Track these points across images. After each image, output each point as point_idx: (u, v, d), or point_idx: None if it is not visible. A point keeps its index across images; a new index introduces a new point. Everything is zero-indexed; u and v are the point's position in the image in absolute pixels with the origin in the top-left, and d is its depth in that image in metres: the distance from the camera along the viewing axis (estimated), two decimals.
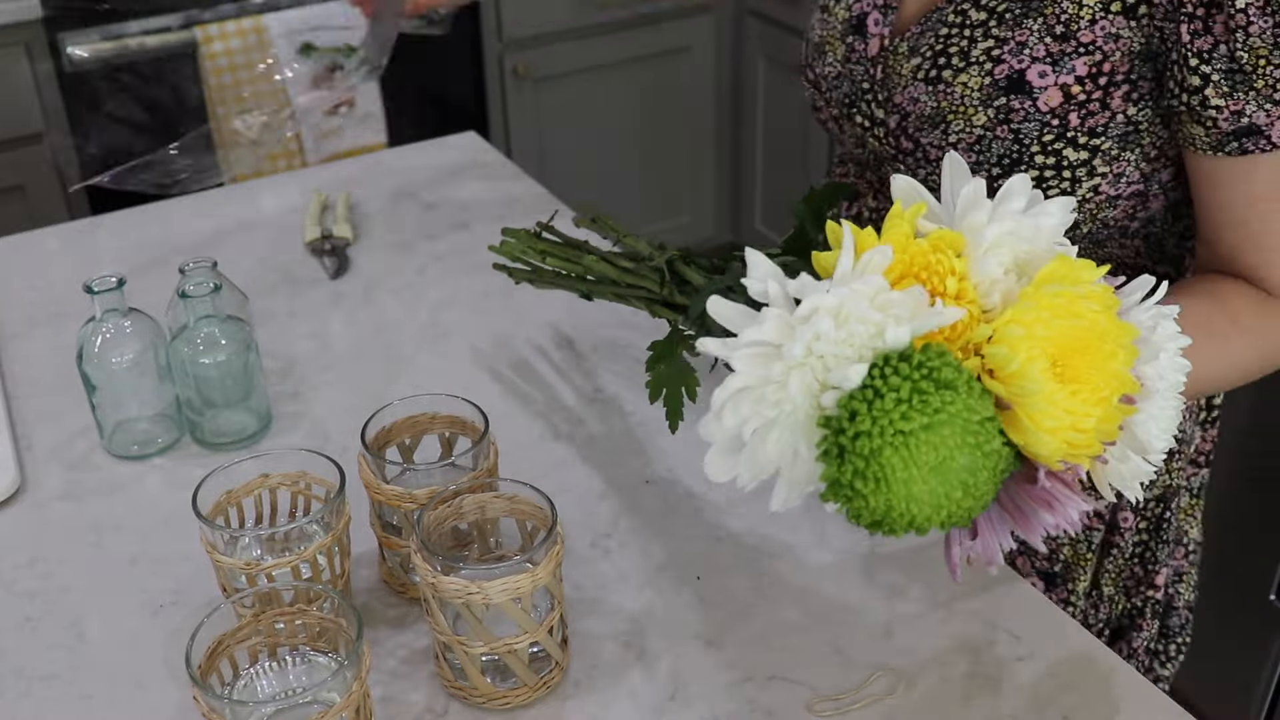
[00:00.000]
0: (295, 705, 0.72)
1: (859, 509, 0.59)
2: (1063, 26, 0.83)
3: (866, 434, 0.57)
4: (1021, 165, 0.86)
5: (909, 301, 0.60)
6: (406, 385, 1.09)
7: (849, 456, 0.58)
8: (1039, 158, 0.86)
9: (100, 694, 0.80)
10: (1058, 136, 0.85)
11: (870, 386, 0.58)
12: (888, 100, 0.93)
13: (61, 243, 1.39)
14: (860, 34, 0.96)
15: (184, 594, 0.87)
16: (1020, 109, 0.85)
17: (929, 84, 0.89)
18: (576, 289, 0.96)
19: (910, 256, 0.62)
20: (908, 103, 0.90)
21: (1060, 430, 0.61)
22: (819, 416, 0.60)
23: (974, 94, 0.86)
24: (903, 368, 0.58)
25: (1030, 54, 0.84)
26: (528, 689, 0.77)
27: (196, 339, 0.98)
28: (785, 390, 0.60)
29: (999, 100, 0.85)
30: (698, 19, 2.77)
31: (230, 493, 0.82)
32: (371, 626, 0.84)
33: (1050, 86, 0.84)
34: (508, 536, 0.84)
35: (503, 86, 2.60)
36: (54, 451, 1.03)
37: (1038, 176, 0.86)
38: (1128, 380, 0.63)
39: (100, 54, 2.11)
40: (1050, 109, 0.84)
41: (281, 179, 1.58)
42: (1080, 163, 0.85)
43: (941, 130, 0.88)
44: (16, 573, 0.90)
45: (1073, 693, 0.78)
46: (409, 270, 1.29)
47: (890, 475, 0.58)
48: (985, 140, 0.86)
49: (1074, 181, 0.86)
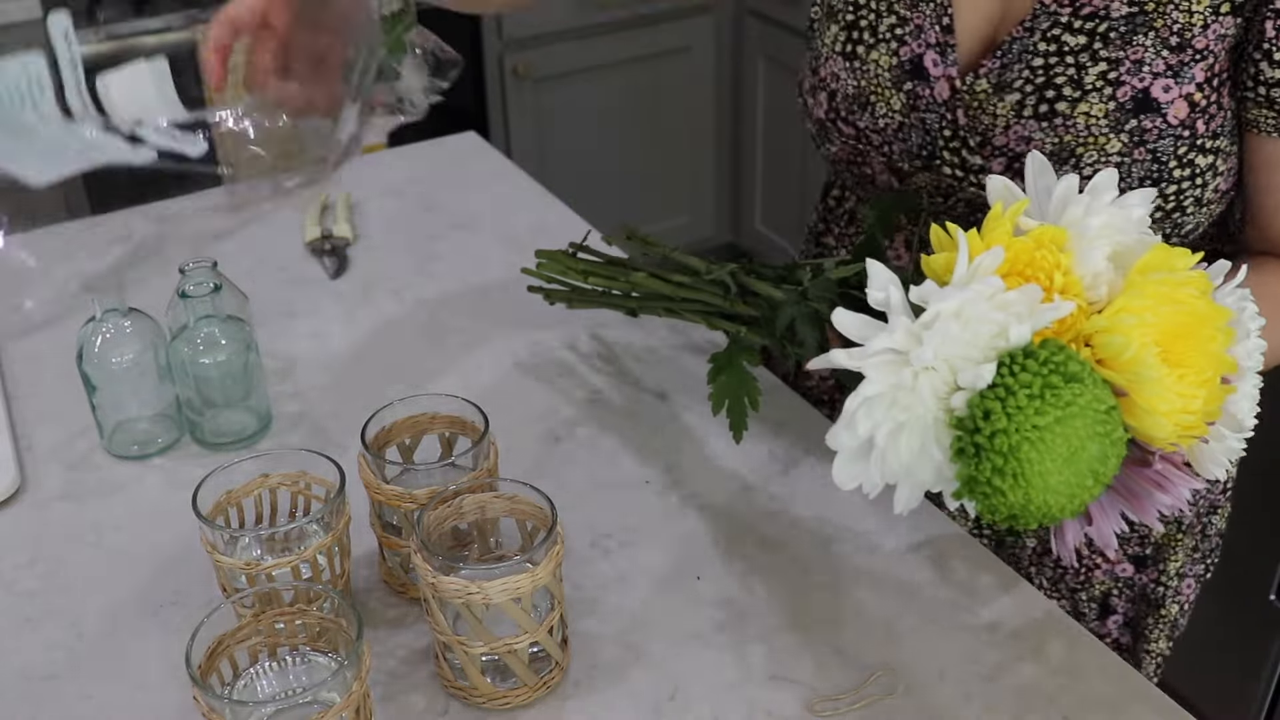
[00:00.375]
0: (295, 705, 0.72)
1: (996, 505, 0.61)
2: (1177, 37, 0.82)
3: (1003, 431, 0.59)
4: (1161, 182, 0.84)
5: (1026, 299, 0.62)
6: (406, 385, 1.09)
7: (986, 454, 0.60)
8: (1176, 171, 0.84)
9: (100, 694, 0.80)
10: (1190, 147, 0.84)
11: (1001, 384, 0.60)
12: (984, 144, 0.88)
13: (61, 243, 1.39)
14: (921, 79, 0.90)
15: (184, 594, 0.87)
16: (1153, 128, 0.83)
17: (1041, 119, 0.85)
18: (621, 307, 0.96)
19: (1014, 254, 0.63)
20: (1016, 143, 0.86)
21: (1173, 413, 0.63)
22: (949, 417, 0.62)
23: (1100, 122, 0.83)
24: (1030, 364, 0.60)
25: (1150, 70, 0.82)
26: (528, 689, 0.77)
27: (196, 339, 0.98)
28: (915, 394, 0.61)
29: (1130, 123, 0.83)
30: (698, 19, 2.77)
31: (230, 493, 0.82)
32: (371, 626, 0.84)
33: (1176, 99, 0.82)
34: (508, 536, 0.84)
35: (503, 86, 2.60)
36: (54, 451, 1.03)
37: (1176, 190, 0.85)
38: (1227, 361, 0.66)
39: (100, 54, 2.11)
40: (1179, 121, 0.83)
41: None
42: (1208, 167, 0.85)
43: (1072, 165, 0.85)
44: (16, 573, 0.90)
45: (1073, 693, 0.78)
46: (409, 270, 1.29)
47: (1028, 469, 0.60)
48: (1124, 166, 0.84)
49: (1204, 186, 0.85)
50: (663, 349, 1.13)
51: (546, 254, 1.01)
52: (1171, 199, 0.85)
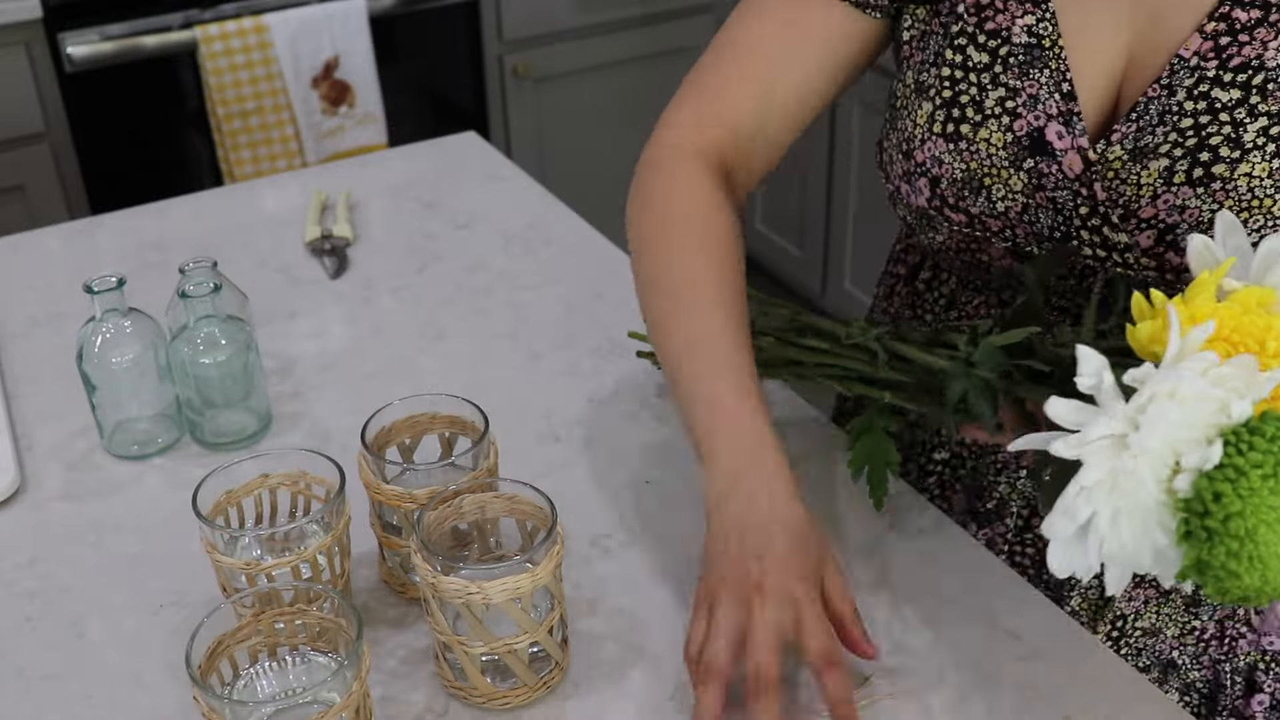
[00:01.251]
0: (295, 705, 0.72)
1: (1229, 587, 0.59)
2: None
3: (1238, 514, 0.57)
4: None
5: (1243, 372, 0.60)
6: (406, 385, 1.09)
7: (1220, 539, 0.58)
8: None
9: (100, 694, 0.80)
10: None
11: (1230, 465, 0.58)
12: (1128, 218, 0.80)
13: (61, 243, 1.39)
14: (1045, 154, 0.81)
15: (184, 594, 0.87)
16: None
17: (1196, 185, 0.77)
18: None
19: (1220, 320, 0.62)
20: (1167, 213, 0.78)
21: None
22: (1173, 500, 0.60)
23: (1264, 182, 0.75)
24: (1259, 442, 0.58)
25: None
26: (528, 689, 0.77)
27: (196, 339, 0.98)
28: (1136, 478, 0.60)
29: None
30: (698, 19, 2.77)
31: (230, 493, 0.82)
32: (371, 626, 0.84)
33: None
34: (508, 536, 0.84)
35: (503, 86, 2.60)
36: (54, 451, 1.03)
37: None
38: None
39: (100, 54, 2.11)
40: None
41: (281, 179, 1.58)
42: None
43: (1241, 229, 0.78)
44: (16, 573, 0.90)
45: (1073, 693, 0.78)
46: (409, 270, 1.29)
47: (1265, 551, 0.58)
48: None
49: None
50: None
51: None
52: None
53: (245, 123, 2.24)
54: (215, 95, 2.19)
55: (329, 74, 2.29)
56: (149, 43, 2.15)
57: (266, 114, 2.25)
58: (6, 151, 2.11)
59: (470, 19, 2.48)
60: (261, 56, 2.20)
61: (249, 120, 2.24)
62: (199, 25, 2.15)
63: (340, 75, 2.30)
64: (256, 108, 2.24)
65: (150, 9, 2.14)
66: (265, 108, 2.24)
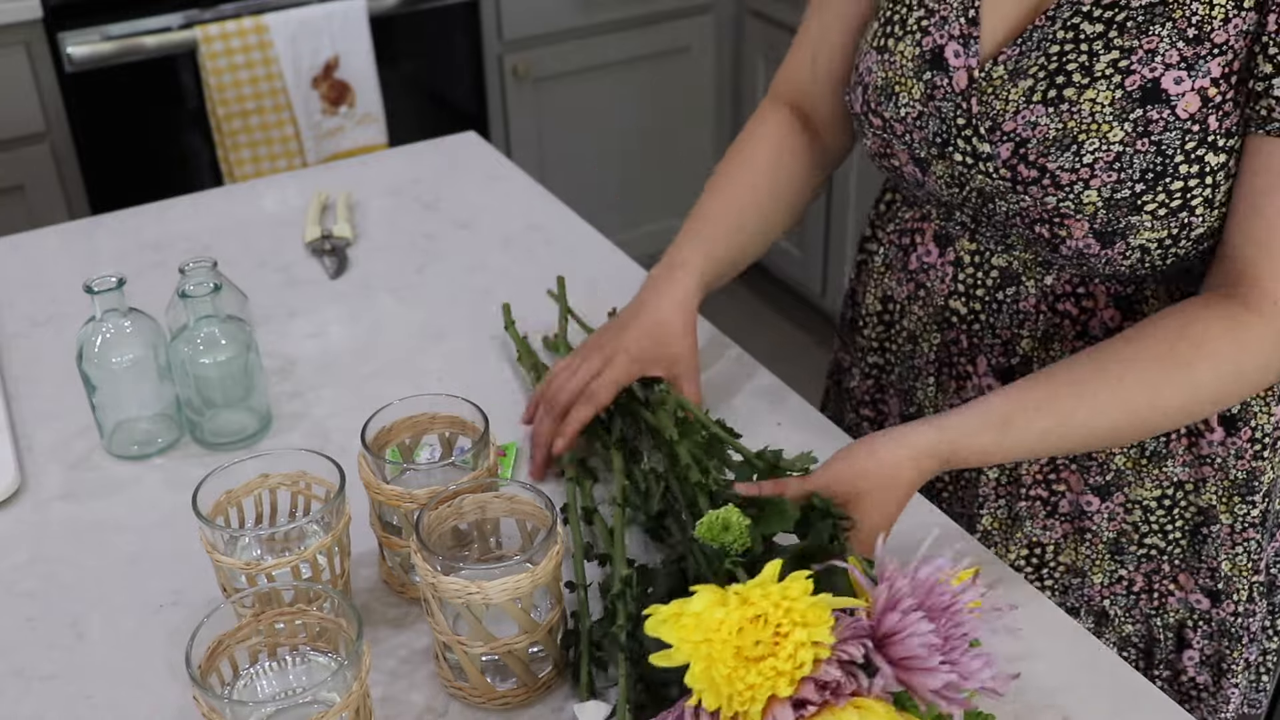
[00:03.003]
0: (295, 705, 0.72)
1: None
2: (1194, 29, 0.80)
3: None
4: (1166, 178, 0.82)
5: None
6: (406, 385, 1.09)
7: None
8: (1183, 167, 0.82)
9: (100, 694, 0.80)
10: (1200, 143, 0.81)
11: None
12: (993, 130, 0.88)
13: (61, 243, 1.39)
14: (940, 68, 0.90)
15: (184, 594, 0.87)
16: (1160, 119, 0.81)
17: (1049, 105, 0.85)
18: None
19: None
20: (1023, 128, 0.86)
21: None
22: None
23: (1105, 109, 0.83)
24: None
25: (1163, 60, 0.81)
26: (527, 689, 0.77)
27: (196, 339, 0.98)
28: None
29: (1135, 112, 0.82)
30: (698, 19, 2.77)
31: (230, 493, 0.82)
32: (371, 626, 0.84)
33: (1188, 92, 0.81)
34: (508, 536, 0.84)
35: (503, 86, 2.60)
36: (54, 451, 1.03)
37: (1182, 187, 0.82)
38: None
39: (100, 54, 2.11)
40: (1190, 115, 0.81)
41: (281, 179, 1.58)
42: (1220, 166, 0.82)
43: (1073, 152, 0.84)
44: (16, 573, 0.90)
45: (1073, 693, 0.78)
46: (409, 270, 1.29)
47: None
48: (1126, 156, 0.82)
49: (1215, 187, 0.83)
50: None
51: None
52: (1177, 196, 0.83)
53: (245, 123, 2.24)
54: (215, 95, 2.19)
55: (329, 74, 2.29)
56: (149, 43, 2.15)
57: (266, 114, 2.25)
58: (6, 151, 2.11)
59: (470, 19, 2.48)
60: (261, 56, 2.20)
61: (249, 120, 2.24)
62: (199, 25, 2.15)
63: (340, 75, 2.30)
64: (256, 108, 2.24)
65: (150, 9, 2.14)
66: (265, 108, 2.24)
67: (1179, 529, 0.99)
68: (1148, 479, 0.97)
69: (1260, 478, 0.96)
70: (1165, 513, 0.98)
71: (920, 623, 0.64)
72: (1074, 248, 0.88)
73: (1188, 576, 1.01)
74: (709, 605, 0.64)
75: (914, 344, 1.05)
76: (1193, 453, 0.96)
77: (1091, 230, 0.86)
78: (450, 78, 2.55)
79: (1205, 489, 0.97)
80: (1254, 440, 0.95)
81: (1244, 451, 0.95)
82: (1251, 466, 0.96)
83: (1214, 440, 0.95)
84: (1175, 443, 0.96)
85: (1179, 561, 1.00)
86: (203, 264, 1.00)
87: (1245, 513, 0.97)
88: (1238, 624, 1.01)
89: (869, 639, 0.66)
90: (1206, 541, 0.99)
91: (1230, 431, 0.95)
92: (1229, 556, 0.99)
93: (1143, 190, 0.83)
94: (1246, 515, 0.97)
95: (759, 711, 0.62)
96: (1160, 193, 0.83)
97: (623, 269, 1.27)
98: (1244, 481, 0.96)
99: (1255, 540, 0.99)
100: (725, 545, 0.74)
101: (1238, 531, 0.98)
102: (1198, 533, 0.99)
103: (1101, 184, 0.84)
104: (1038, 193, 0.86)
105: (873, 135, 0.97)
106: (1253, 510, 0.97)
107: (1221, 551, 0.99)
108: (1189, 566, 1.00)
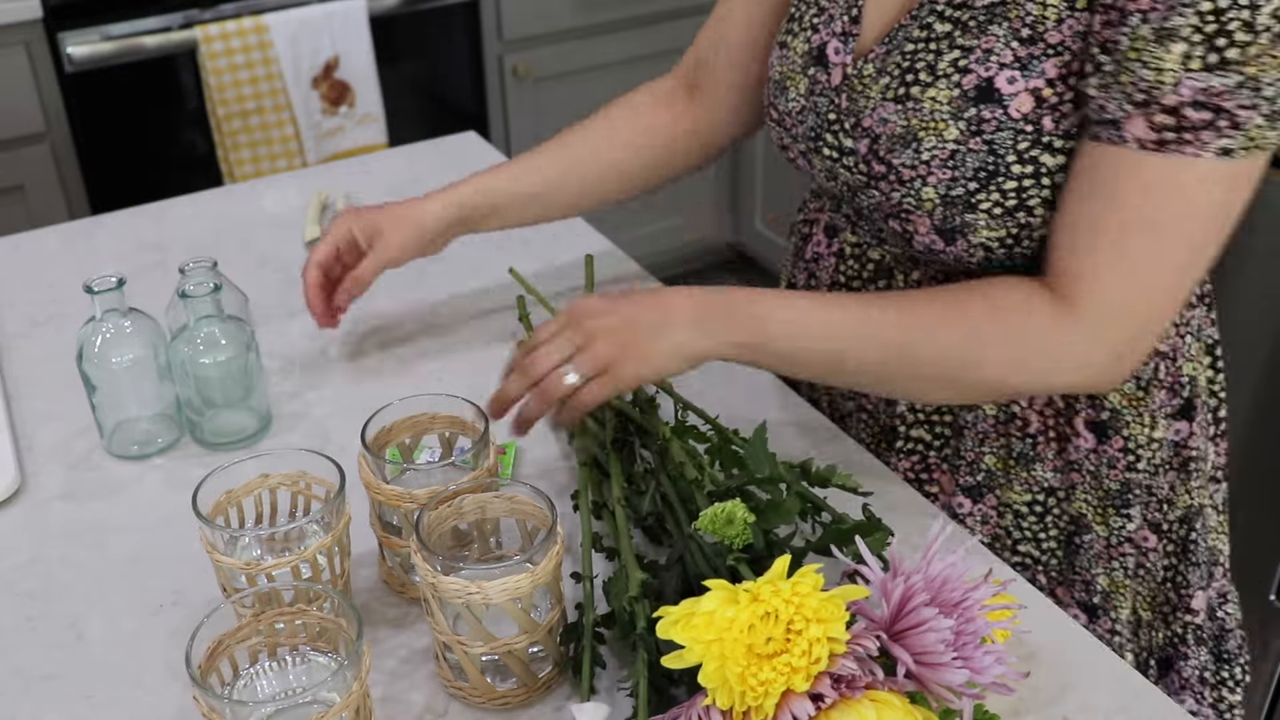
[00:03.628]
0: (295, 705, 0.72)
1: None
2: (1029, 29, 0.80)
3: None
4: (999, 177, 0.82)
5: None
6: (406, 385, 1.09)
7: None
8: (1015, 167, 0.81)
9: (100, 694, 0.80)
10: (1033, 143, 0.81)
11: None
12: (855, 126, 0.89)
13: (61, 243, 1.39)
14: (822, 65, 0.93)
15: (184, 594, 0.87)
16: (992, 118, 0.81)
17: (897, 102, 0.86)
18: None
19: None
20: (876, 125, 0.87)
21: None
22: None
23: (943, 108, 0.83)
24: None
25: (997, 60, 0.81)
26: (527, 689, 0.77)
27: (196, 339, 0.98)
28: None
29: (969, 111, 0.82)
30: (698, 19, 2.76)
31: (230, 493, 0.82)
32: (371, 626, 0.84)
33: (1021, 92, 0.80)
34: (508, 536, 0.84)
35: (503, 86, 2.60)
36: (54, 451, 1.03)
37: (1016, 187, 0.82)
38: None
39: (100, 54, 2.11)
40: (1023, 115, 0.81)
41: (281, 179, 1.58)
42: (1058, 168, 0.81)
43: (913, 149, 0.85)
44: (16, 573, 0.90)
45: (1073, 693, 0.78)
46: (409, 270, 1.29)
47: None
48: (959, 155, 0.83)
49: (1054, 189, 0.82)
50: None
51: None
52: (1012, 195, 0.82)
53: (245, 123, 2.24)
54: (215, 95, 2.19)
55: (329, 74, 2.29)
56: (149, 43, 2.15)
57: (266, 114, 2.25)
58: (6, 151, 2.11)
59: (470, 19, 2.48)
60: (261, 56, 2.20)
61: (249, 120, 2.24)
62: (199, 25, 2.15)
63: (340, 75, 2.30)
64: (256, 108, 2.24)
65: (150, 9, 2.14)
66: (265, 108, 2.24)
67: (1053, 538, 0.98)
68: (1017, 482, 0.96)
69: (1134, 490, 0.95)
70: (1037, 519, 0.97)
71: (937, 619, 0.64)
72: (922, 243, 0.88)
73: (1065, 590, 0.99)
74: (720, 604, 0.65)
75: None
76: (1062, 458, 0.95)
77: (933, 227, 0.86)
78: (450, 78, 2.55)
79: (1075, 496, 0.96)
80: (1126, 450, 0.94)
81: (1116, 461, 0.94)
82: (1125, 478, 0.95)
83: (1082, 446, 0.94)
84: (1044, 446, 0.95)
85: (1055, 574, 0.99)
86: (203, 264, 1.00)
87: (1120, 526, 0.96)
88: (1115, 643, 0.99)
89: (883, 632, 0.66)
90: (1079, 552, 0.98)
91: (1101, 439, 0.94)
92: (1105, 570, 0.98)
93: (976, 189, 0.83)
94: (1122, 529, 0.96)
95: (772, 706, 0.63)
96: (994, 191, 0.82)
97: (623, 269, 1.27)
98: (1117, 493, 0.95)
99: (1133, 557, 0.98)
100: (727, 539, 0.74)
101: (1114, 545, 0.97)
102: (1071, 543, 0.98)
103: (938, 181, 0.84)
104: (886, 188, 0.88)
105: (772, 127, 1.00)
106: (1128, 524, 0.96)
107: (1097, 564, 0.98)
108: (1065, 579, 0.99)
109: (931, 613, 0.65)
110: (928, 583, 0.67)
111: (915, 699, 0.66)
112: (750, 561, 0.75)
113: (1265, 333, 1.62)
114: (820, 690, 0.63)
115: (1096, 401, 0.93)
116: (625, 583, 0.78)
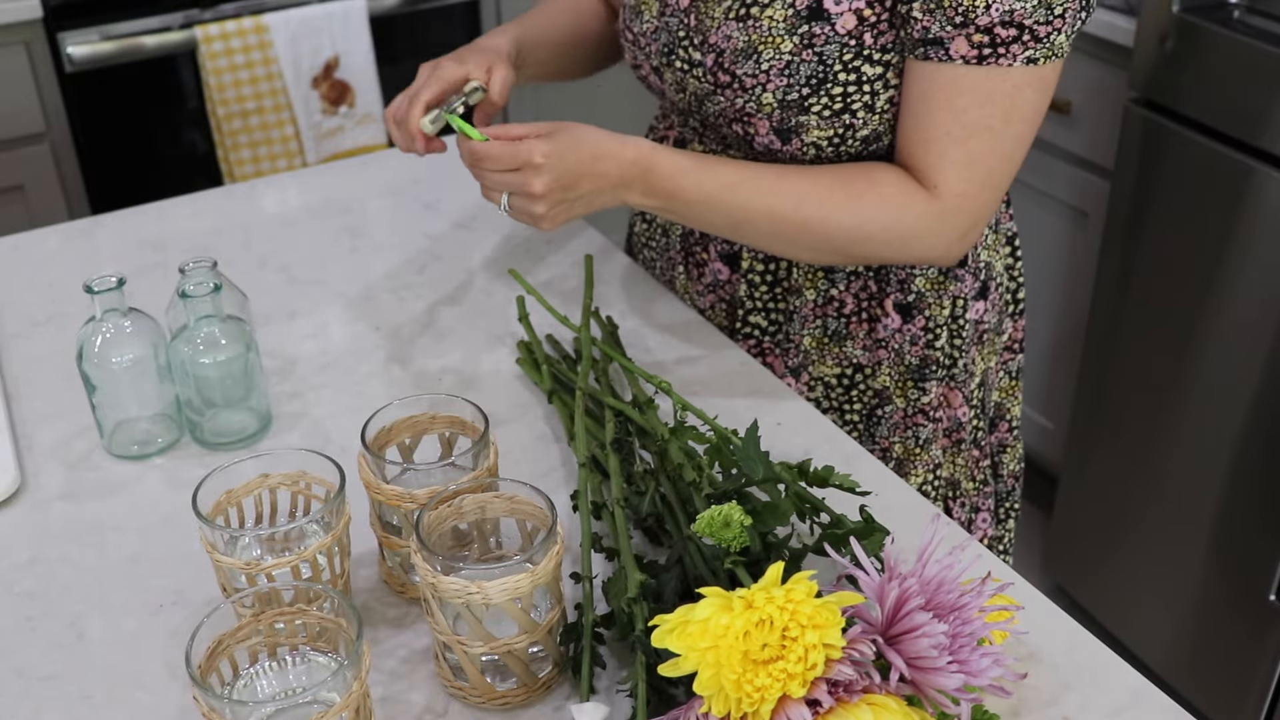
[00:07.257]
0: (295, 705, 0.72)
1: None
2: None
3: None
4: (827, 84, 0.97)
5: None
6: (406, 385, 1.09)
7: None
8: (841, 75, 0.97)
9: (100, 694, 0.80)
10: (856, 55, 0.96)
11: None
12: (703, 43, 1.02)
13: (61, 243, 1.39)
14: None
15: (184, 594, 0.87)
16: (821, 34, 0.96)
17: (739, 21, 0.99)
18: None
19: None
20: (721, 40, 1.01)
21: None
22: None
23: (779, 25, 0.97)
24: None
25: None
26: (527, 689, 0.77)
27: (196, 339, 0.98)
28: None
29: (802, 28, 0.96)
30: None
31: (230, 493, 0.82)
32: (371, 626, 0.84)
33: (846, 11, 0.95)
34: (508, 536, 0.84)
35: None
36: (54, 451, 1.03)
37: (842, 93, 0.98)
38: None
39: (100, 54, 2.11)
40: (847, 31, 0.96)
41: (281, 179, 1.58)
42: (877, 77, 0.97)
43: (754, 60, 0.99)
44: (16, 573, 0.90)
45: (1073, 693, 0.78)
46: (409, 270, 1.29)
47: None
48: (793, 65, 0.97)
49: (873, 94, 0.98)
50: (660, 349, 1.13)
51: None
52: (838, 100, 0.98)
53: (245, 123, 2.24)
54: (215, 95, 2.19)
55: (329, 74, 2.29)
56: (149, 43, 2.15)
57: (266, 114, 2.25)
58: (6, 151, 2.11)
59: (470, 19, 2.48)
60: (261, 56, 2.20)
61: (249, 120, 2.24)
62: (199, 25, 2.15)
63: (340, 75, 2.30)
64: (256, 108, 2.24)
65: (150, 9, 2.14)
66: (265, 108, 2.24)
67: (856, 411, 1.13)
68: (829, 357, 1.11)
69: (931, 365, 1.10)
70: (844, 391, 1.12)
71: (931, 623, 0.64)
72: (762, 144, 1.03)
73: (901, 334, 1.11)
74: (714, 611, 0.65)
75: (666, 237, 1.22)
76: (871, 337, 1.10)
77: (772, 128, 1.01)
78: None
79: (880, 372, 1.11)
80: (926, 329, 1.09)
81: (918, 339, 1.09)
82: (924, 354, 1.10)
83: (890, 326, 1.09)
84: (856, 325, 1.10)
85: (856, 441, 1.06)
86: (203, 264, 1.00)
87: (916, 398, 1.11)
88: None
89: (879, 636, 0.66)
90: (880, 423, 1.12)
91: (906, 319, 1.09)
92: (901, 439, 1.12)
93: (808, 94, 0.98)
94: (918, 400, 1.11)
95: (768, 711, 0.63)
96: (824, 96, 0.98)
97: (622, 269, 1.27)
98: (916, 368, 1.10)
99: (926, 426, 1.12)
100: (725, 542, 0.74)
101: (909, 415, 1.12)
102: (873, 415, 1.12)
103: (775, 87, 0.99)
104: (730, 95, 1.02)
105: (627, 48, 1.13)
106: (924, 396, 1.11)
107: (895, 434, 1.12)
108: (865, 448, 1.06)
109: (925, 617, 0.65)
110: (923, 585, 0.67)
111: (913, 702, 0.66)
112: (749, 563, 0.75)
113: (1265, 333, 1.62)
114: (817, 695, 0.63)
115: (905, 285, 1.08)
116: (624, 583, 0.78)
